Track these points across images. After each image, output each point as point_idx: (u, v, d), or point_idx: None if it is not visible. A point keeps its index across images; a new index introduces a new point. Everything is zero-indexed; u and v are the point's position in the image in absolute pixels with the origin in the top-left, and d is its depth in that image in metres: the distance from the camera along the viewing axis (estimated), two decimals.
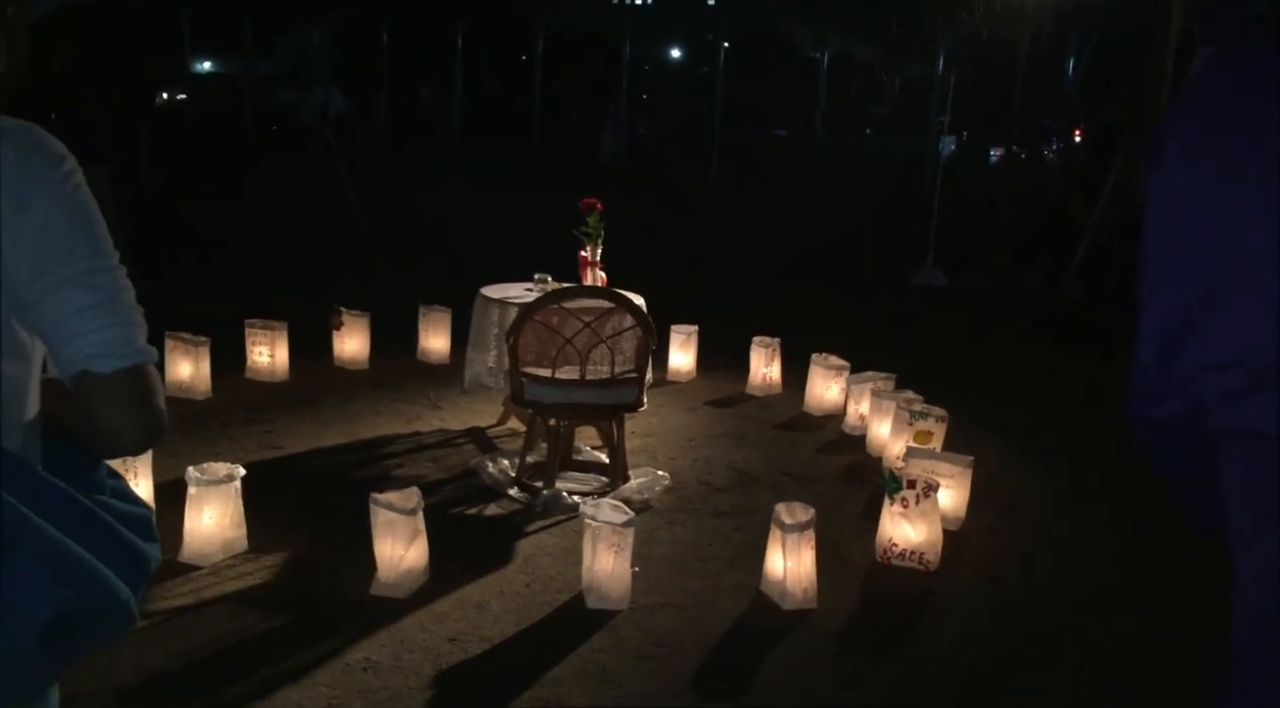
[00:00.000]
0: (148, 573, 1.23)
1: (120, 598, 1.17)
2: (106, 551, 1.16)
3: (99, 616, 1.15)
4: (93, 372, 1.11)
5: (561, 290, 4.32)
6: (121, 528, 1.19)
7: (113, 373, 1.11)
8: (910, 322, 8.22)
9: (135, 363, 1.13)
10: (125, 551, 1.19)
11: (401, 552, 3.29)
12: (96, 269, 1.12)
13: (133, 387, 1.13)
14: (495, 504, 4.12)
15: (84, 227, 1.12)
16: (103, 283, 1.12)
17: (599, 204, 4.76)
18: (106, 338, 1.11)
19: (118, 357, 1.11)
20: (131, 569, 1.19)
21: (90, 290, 1.10)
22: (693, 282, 8.74)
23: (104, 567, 1.15)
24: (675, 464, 4.66)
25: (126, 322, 1.13)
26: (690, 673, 2.97)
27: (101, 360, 1.11)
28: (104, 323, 1.11)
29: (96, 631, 1.17)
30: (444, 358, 6.02)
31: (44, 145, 1.11)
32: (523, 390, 4.12)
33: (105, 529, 1.17)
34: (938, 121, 11.87)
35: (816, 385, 5.53)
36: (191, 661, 2.86)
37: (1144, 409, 0.99)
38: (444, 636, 3.08)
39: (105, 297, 1.11)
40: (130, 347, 1.12)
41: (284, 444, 4.63)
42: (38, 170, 1.09)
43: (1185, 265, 0.94)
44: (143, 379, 1.14)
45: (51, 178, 1.10)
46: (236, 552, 3.48)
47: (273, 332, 5.53)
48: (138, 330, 1.14)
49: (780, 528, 3.37)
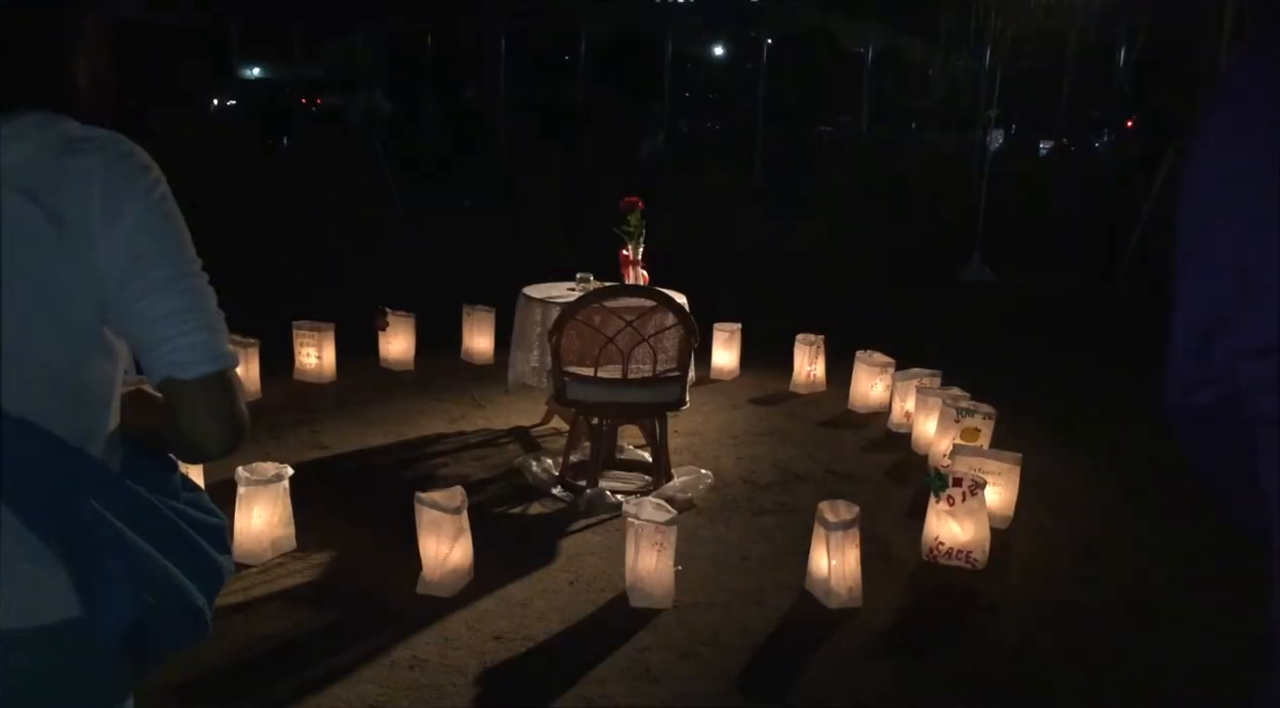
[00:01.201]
0: (221, 583, 1.26)
1: (196, 605, 1.20)
2: (185, 560, 1.19)
3: (175, 623, 1.19)
4: (178, 378, 1.13)
5: (603, 289, 4.32)
6: (199, 538, 1.23)
7: (197, 379, 1.13)
8: (957, 318, 8.13)
9: (219, 368, 1.14)
10: (202, 560, 1.22)
11: (446, 551, 3.32)
12: (183, 274, 1.14)
13: (217, 392, 1.14)
14: (539, 503, 4.14)
15: (171, 234, 1.14)
16: (188, 288, 1.14)
17: (640, 203, 4.76)
18: (191, 343, 1.13)
19: (202, 363, 1.13)
20: (206, 579, 1.23)
21: (176, 296, 1.12)
22: (736, 279, 8.71)
23: (183, 576, 1.18)
24: (719, 462, 4.65)
25: (210, 328, 1.14)
26: (734, 672, 2.97)
27: (187, 367, 1.13)
28: (189, 328, 1.13)
29: (172, 638, 1.21)
30: (488, 358, 6.06)
31: (133, 155, 1.13)
32: (565, 390, 4.13)
33: (184, 539, 1.21)
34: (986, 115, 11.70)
35: (861, 383, 5.49)
36: (243, 657, 2.90)
37: (1181, 398, 0.97)
38: (489, 634, 3.10)
39: (190, 302, 1.13)
40: (214, 352, 1.14)
41: (330, 444, 4.69)
42: (127, 179, 1.11)
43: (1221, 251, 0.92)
44: (226, 384, 1.16)
45: (141, 186, 1.12)
46: (285, 550, 3.53)
47: (320, 333, 5.61)
48: (220, 336, 1.16)
49: (824, 526, 3.35)
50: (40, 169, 1.08)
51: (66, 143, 1.10)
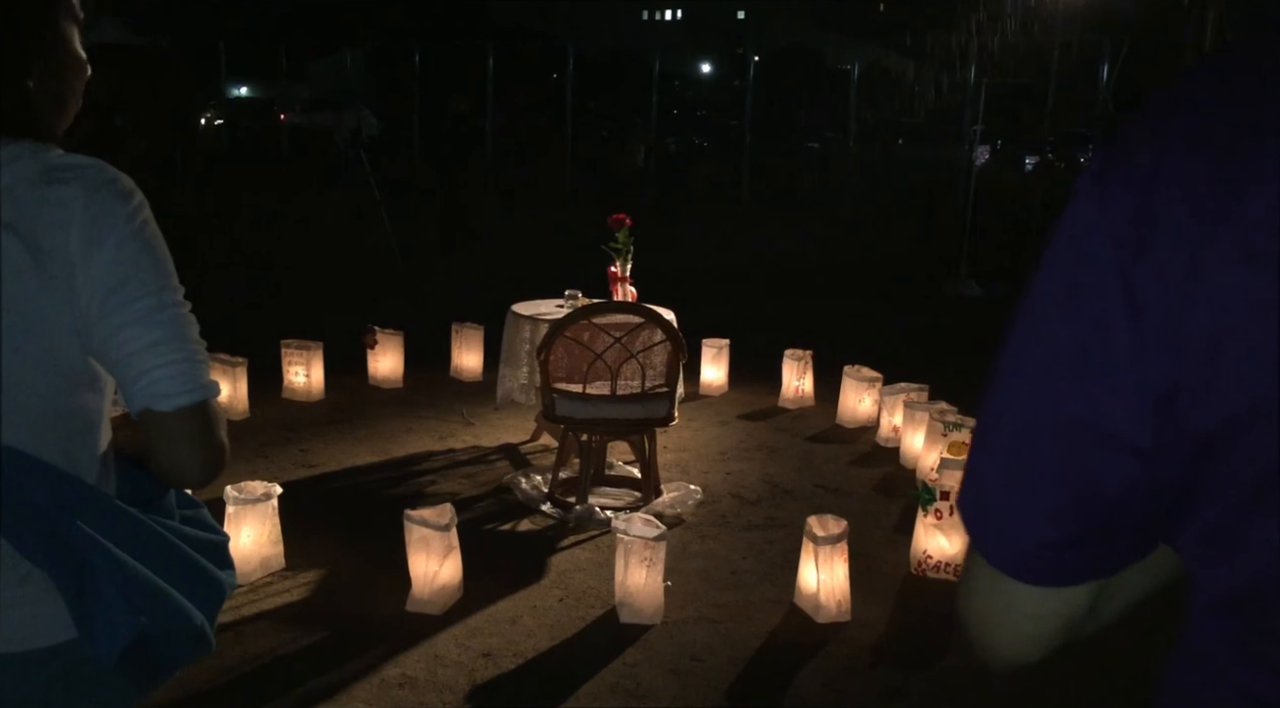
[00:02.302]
0: (222, 599, 1.26)
1: (194, 624, 1.20)
2: (181, 578, 1.19)
3: (175, 641, 1.20)
4: (156, 410, 1.12)
5: (592, 306, 4.34)
6: (196, 555, 1.23)
7: (176, 411, 1.13)
8: (943, 333, 8.17)
9: (197, 400, 1.14)
10: (199, 577, 1.22)
11: (436, 568, 3.32)
12: (164, 304, 1.13)
13: (195, 423, 1.14)
14: (528, 520, 4.14)
15: (151, 263, 1.13)
16: (168, 319, 1.13)
17: (628, 219, 4.79)
18: (170, 374, 1.12)
19: (180, 394, 1.13)
20: (206, 596, 1.22)
21: (156, 327, 1.12)
22: (724, 295, 8.75)
23: (178, 594, 1.18)
24: (707, 478, 4.66)
25: (191, 358, 1.14)
26: (724, 687, 2.97)
27: (165, 399, 1.12)
28: (167, 360, 1.12)
29: (173, 655, 1.22)
30: (477, 375, 6.07)
31: (114, 182, 1.13)
32: (554, 406, 4.14)
33: (180, 557, 1.21)
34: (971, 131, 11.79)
35: (849, 398, 5.51)
36: (233, 677, 2.90)
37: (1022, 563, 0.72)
38: (478, 651, 3.10)
39: (170, 333, 1.13)
40: (194, 383, 1.14)
41: (319, 463, 4.69)
42: (108, 207, 1.11)
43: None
44: (204, 415, 1.15)
45: (121, 214, 1.11)
46: (274, 569, 3.52)
47: (308, 352, 5.60)
48: (201, 367, 1.15)
49: (813, 541, 3.36)
50: (18, 200, 1.08)
51: (46, 172, 1.10)
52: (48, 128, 1.16)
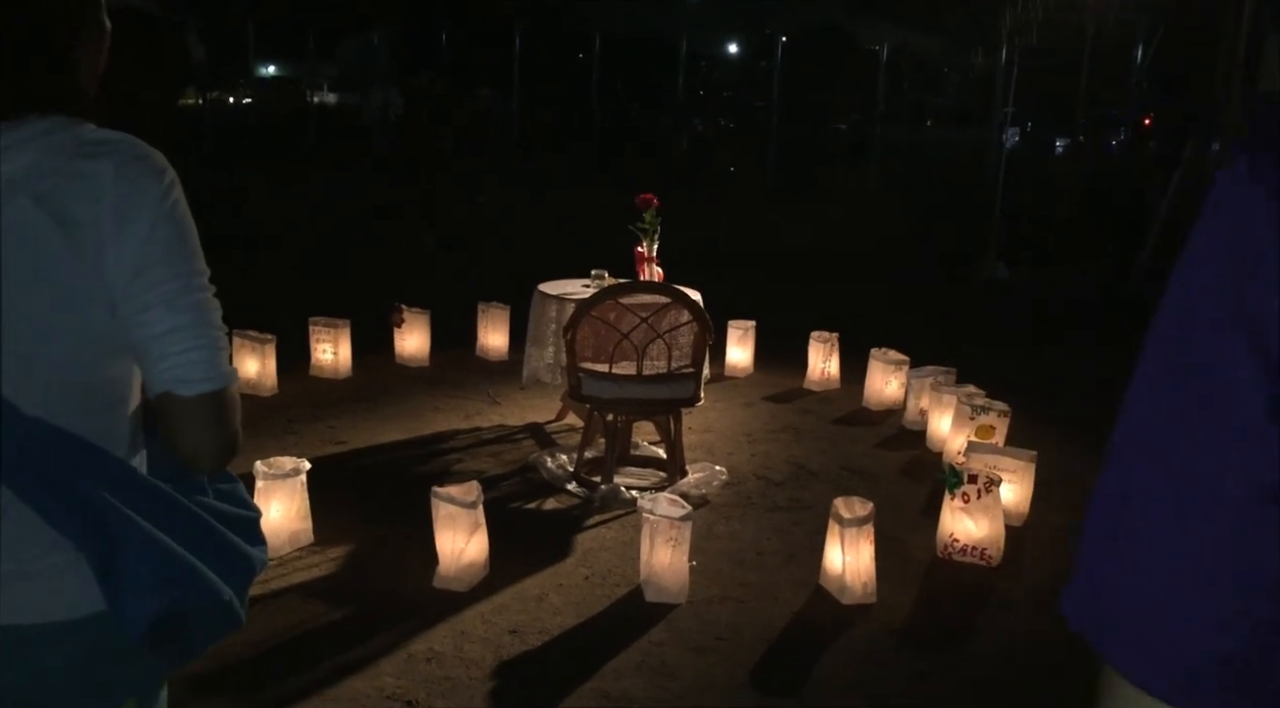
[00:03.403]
0: (252, 575, 1.27)
1: (223, 599, 1.20)
2: (209, 552, 1.20)
3: (203, 616, 1.20)
4: (177, 394, 1.13)
5: (618, 286, 4.34)
6: (225, 530, 1.23)
7: (194, 397, 1.13)
8: (972, 316, 8.11)
9: (215, 388, 1.14)
10: (229, 553, 1.23)
11: (462, 545, 3.34)
12: (190, 288, 1.13)
13: (211, 410, 1.14)
14: (554, 499, 4.16)
15: (181, 245, 1.13)
16: (194, 304, 1.13)
17: (655, 200, 4.77)
18: (190, 360, 1.12)
19: (199, 381, 1.13)
20: (235, 571, 1.23)
21: (181, 312, 1.12)
22: (750, 276, 8.72)
23: (206, 568, 1.19)
24: (733, 459, 4.65)
25: (212, 345, 1.14)
26: (749, 667, 2.98)
27: (184, 384, 1.12)
28: (189, 346, 1.12)
29: (203, 630, 1.22)
30: (503, 354, 6.08)
31: (147, 158, 1.12)
32: (580, 386, 4.15)
33: (208, 532, 1.21)
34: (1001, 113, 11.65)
35: (876, 380, 5.49)
36: (262, 650, 2.93)
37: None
38: (505, 628, 3.12)
39: (193, 318, 1.13)
40: (214, 370, 1.14)
41: (347, 440, 4.72)
42: (141, 183, 1.10)
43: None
44: (221, 403, 1.15)
45: (155, 191, 1.11)
46: (303, 544, 3.55)
47: (336, 329, 5.63)
48: (222, 354, 1.15)
49: (839, 522, 3.35)
50: (50, 174, 1.08)
51: (79, 146, 1.10)
52: (87, 99, 1.16)
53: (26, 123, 1.09)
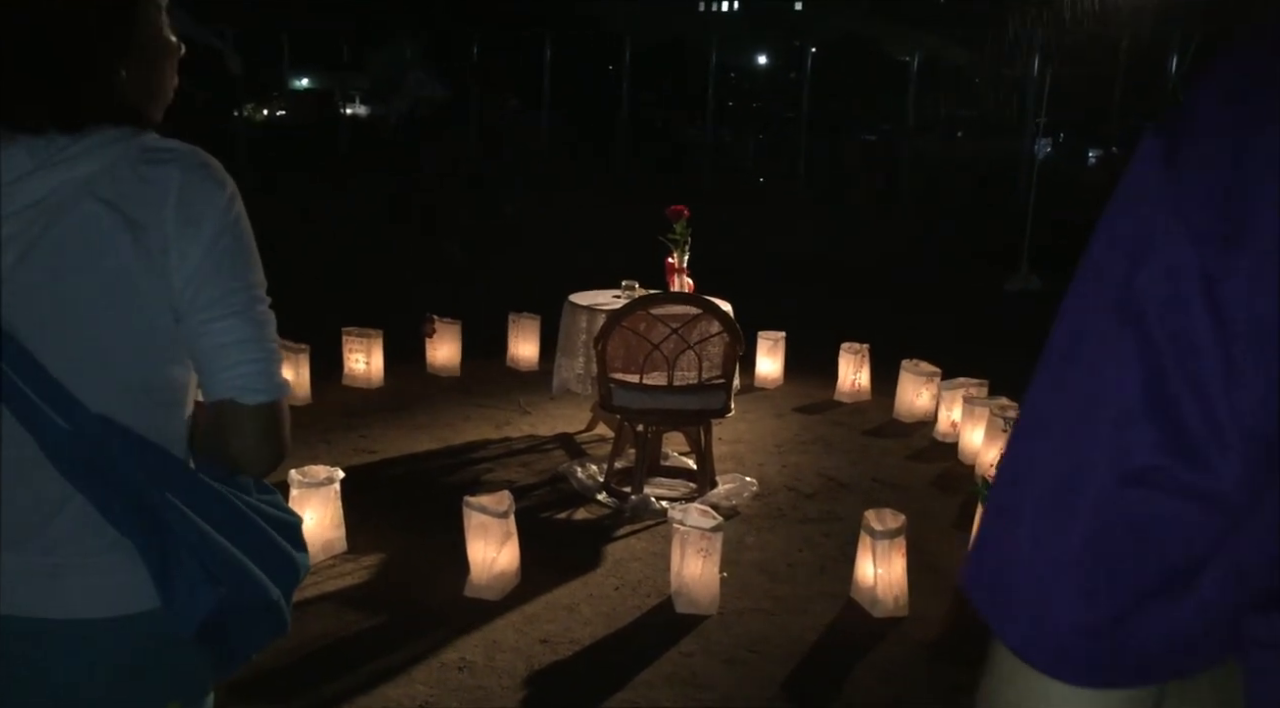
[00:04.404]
0: (297, 579, 1.30)
1: (271, 598, 1.23)
2: (258, 552, 1.23)
3: (252, 616, 1.23)
4: (238, 402, 1.16)
5: (649, 296, 4.35)
6: (274, 533, 1.26)
7: (256, 406, 1.16)
8: (1004, 328, 8.05)
9: (275, 398, 1.18)
10: (276, 555, 1.26)
11: (494, 554, 3.36)
12: (254, 300, 1.17)
13: (268, 420, 1.18)
14: (584, 509, 4.17)
15: (245, 257, 1.17)
16: (255, 318, 1.17)
17: (686, 211, 4.78)
18: (253, 371, 1.16)
19: (260, 392, 1.16)
20: (282, 573, 1.26)
21: (246, 324, 1.16)
22: (781, 288, 8.70)
23: (256, 568, 1.22)
24: (763, 470, 4.65)
25: (270, 357, 1.18)
26: (780, 679, 2.97)
27: (247, 394, 1.16)
28: (252, 357, 1.16)
29: (250, 632, 1.25)
30: (533, 365, 6.11)
31: (209, 167, 1.16)
32: (611, 396, 4.16)
33: (259, 534, 1.24)
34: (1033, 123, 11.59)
35: (907, 392, 5.46)
36: (297, 657, 2.96)
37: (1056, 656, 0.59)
38: (536, 637, 3.13)
39: (255, 332, 1.16)
40: (272, 382, 1.18)
41: (379, 449, 4.75)
42: (205, 190, 1.14)
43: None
44: (277, 413, 1.19)
45: (220, 199, 1.15)
46: (336, 552, 3.58)
47: (369, 339, 5.68)
48: (278, 366, 1.19)
49: (870, 535, 3.34)
50: (119, 179, 1.11)
51: (145, 153, 1.13)
52: (142, 115, 1.19)
53: (94, 132, 1.13)
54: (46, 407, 1.10)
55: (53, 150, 1.11)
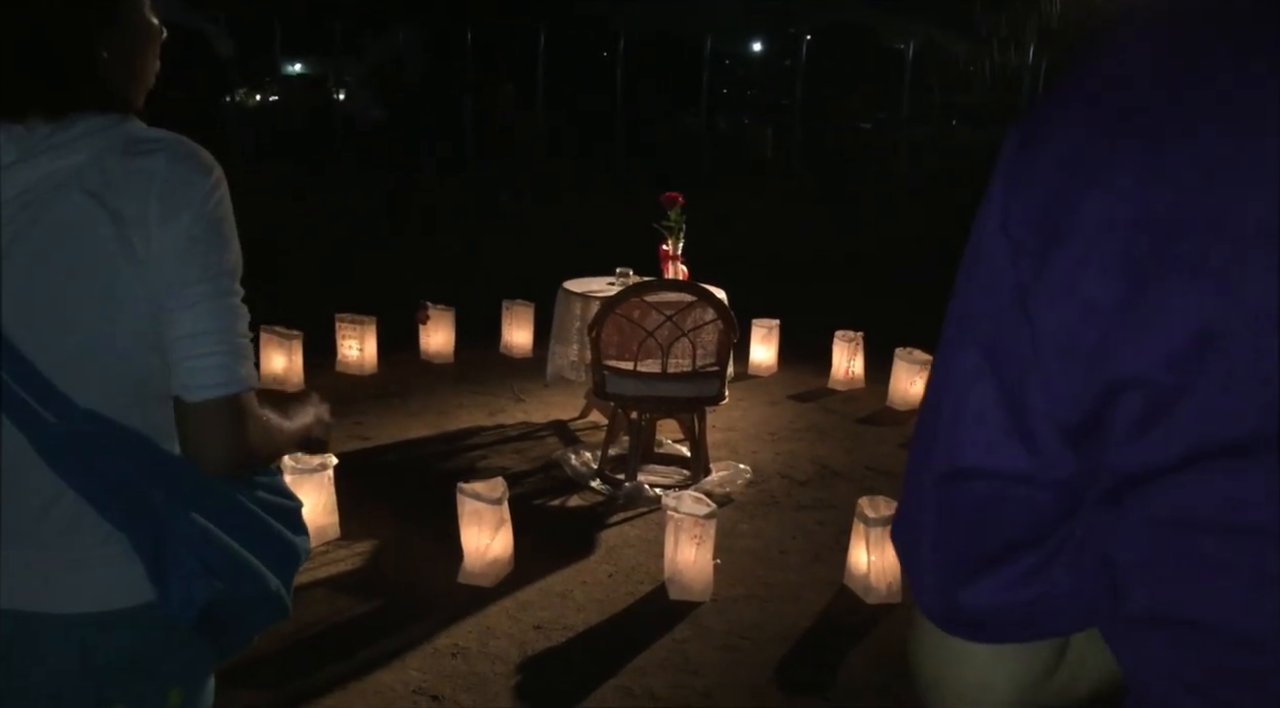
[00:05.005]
0: (297, 564, 1.29)
1: (270, 589, 1.23)
2: (256, 542, 1.22)
3: (251, 605, 1.22)
4: (182, 399, 1.14)
5: (643, 284, 4.34)
6: (271, 520, 1.25)
7: (202, 402, 1.13)
8: None
9: (227, 393, 1.14)
10: (274, 542, 1.24)
11: (487, 541, 3.36)
12: (217, 292, 1.13)
13: (220, 417, 1.13)
14: (578, 496, 4.17)
15: (218, 247, 1.14)
16: (219, 309, 1.13)
17: (680, 198, 4.77)
18: (204, 366, 1.12)
19: (211, 387, 1.13)
20: (281, 561, 1.25)
21: (203, 317, 1.12)
22: (774, 276, 8.70)
23: (253, 558, 1.20)
24: (757, 458, 4.65)
25: (231, 352, 1.14)
26: (773, 665, 2.98)
27: (194, 390, 1.13)
28: (207, 351, 1.12)
29: (249, 620, 1.25)
30: (526, 352, 6.10)
31: (195, 156, 1.14)
32: (605, 383, 4.15)
33: (255, 522, 1.23)
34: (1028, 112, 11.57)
35: (901, 380, 5.46)
36: (290, 643, 2.95)
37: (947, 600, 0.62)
38: (529, 624, 3.14)
39: (215, 324, 1.13)
40: (228, 377, 1.13)
41: (372, 436, 4.75)
42: (188, 179, 1.12)
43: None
44: (233, 410, 1.14)
45: (201, 188, 1.12)
46: (329, 539, 3.58)
47: (362, 326, 5.67)
48: (241, 361, 1.15)
49: (864, 522, 3.34)
50: (105, 170, 1.10)
51: (130, 143, 1.12)
52: (125, 99, 1.17)
53: (79, 121, 1.11)
54: (36, 403, 1.09)
55: (36, 140, 1.09)
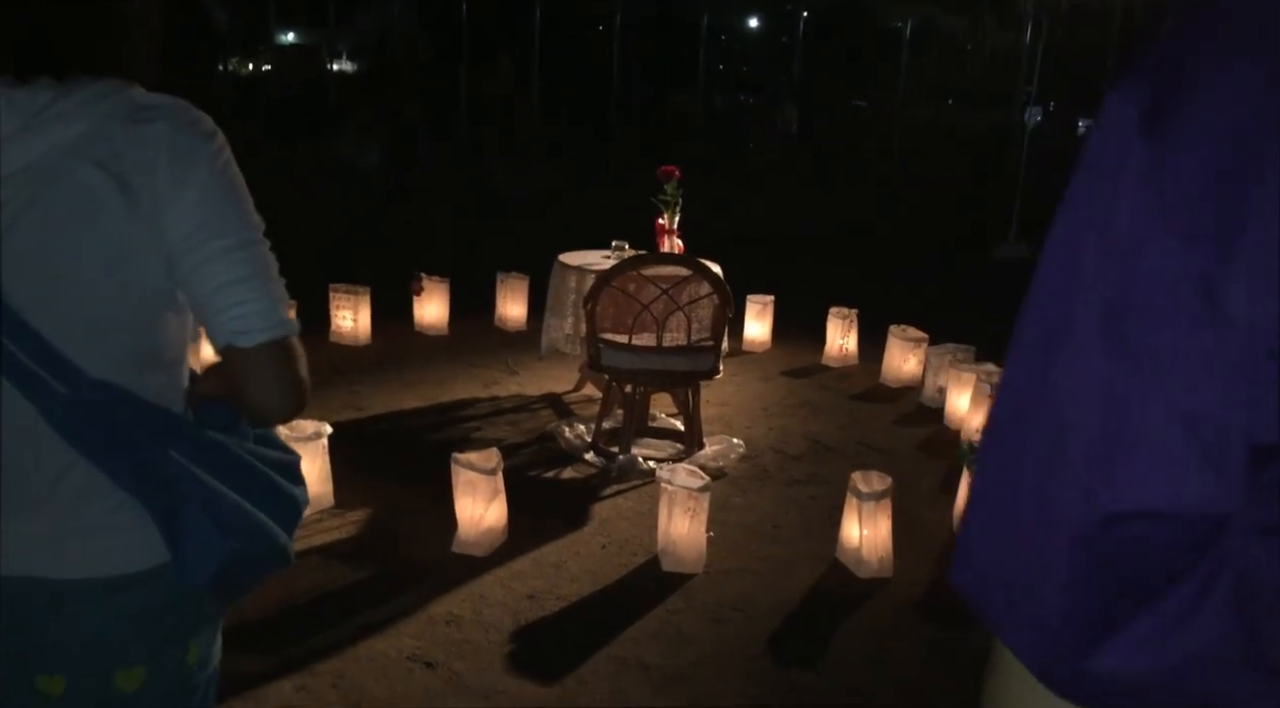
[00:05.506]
0: (299, 515, 1.30)
1: (279, 544, 1.24)
2: (264, 499, 1.23)
3: (261, 561, 1.24)
4: (238, 346, 1.14)
5: (640, 257, 4.33)
6: (275, 476, 1.26)
7: (258, 346, 1.14)
8: (992, 295, 8.06)
9: (278, 335, 1.15)
10: (279, 498, 1.26)
11: (482, 511, 3.36)
12: (246, 242, 1.14)
13: (275, 359, 1.15)
14: (571, 468, 4.17)
15: (235, 201, 1.15)
16: (250, 256, 1.14)
17: (677, 172, 4.75)
18: (251, 311, 1.13)
19: (262, 330, 1.14)
20: (285, 514, 1.26)
21: (238, 265, 1.13)
22: (769, 253, 8.69)
23: (263, 515, 1.21)
24: (750, 433, 4.66)
25: (270, 295, 1.15)
26: (765, 637, 3.00)
27: (246, 335, 1.13)
28: (249, 297, 1.13)
29: (258, 573, 1.26)
30: (521, 325, 6.09)
31: (198, 122, 1.14)
32: (600, 356, 4.15)
33: (261, 479, 1.24)
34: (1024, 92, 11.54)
35: (894, 357, 5.48)
36: (284, 610, 2.96)
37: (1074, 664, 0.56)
38: (523, 593, 3.15)
39: (251, 270, 1.14)
40: (274, 320, 1.15)
41: (366, 406, 4.74)
42: (193, 146, 1.12)
43: None
44: (286, 351, 1.16)
45: (206, 152, 1.13)
46: (324, 507, 3.58)
47: (356, 296, 5.65)
48: (281, 304, 1.16)
49: (857, 496, 3.36)
50: (109, 139, 1.10)
51: (134, 111, 1.11)
52: (133, 63, 1.16)
53: (79, 87, 1.10)
54: (46, 375, 1.09)
55: (38, 107, 1.08)
